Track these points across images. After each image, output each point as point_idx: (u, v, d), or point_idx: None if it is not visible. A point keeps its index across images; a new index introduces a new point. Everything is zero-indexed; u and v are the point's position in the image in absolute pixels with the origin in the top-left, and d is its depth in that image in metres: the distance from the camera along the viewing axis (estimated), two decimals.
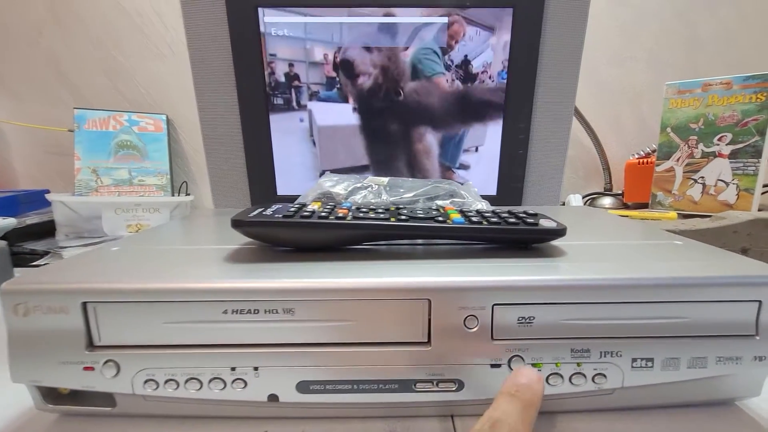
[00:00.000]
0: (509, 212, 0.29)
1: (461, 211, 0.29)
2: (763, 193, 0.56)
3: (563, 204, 0.67)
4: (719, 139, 0.56)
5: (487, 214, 0.27)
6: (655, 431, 0.23)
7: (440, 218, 0.26)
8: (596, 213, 0.44)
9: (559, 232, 0.26)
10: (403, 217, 0.26)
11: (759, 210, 0.55)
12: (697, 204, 0.59)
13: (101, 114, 0.70)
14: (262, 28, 0.48)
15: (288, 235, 0.26)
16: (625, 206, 0.74)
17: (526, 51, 0.49)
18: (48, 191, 0.72)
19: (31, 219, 0.61)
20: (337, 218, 0.25)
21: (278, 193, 0.55)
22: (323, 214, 0.26)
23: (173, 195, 0.72)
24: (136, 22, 0.74)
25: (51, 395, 0.24)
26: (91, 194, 0.67)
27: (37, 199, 0.69)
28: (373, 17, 0.48)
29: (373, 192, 0.36)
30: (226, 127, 0.52)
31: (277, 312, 0.22)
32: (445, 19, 0.48)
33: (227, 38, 0.48)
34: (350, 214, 0.26)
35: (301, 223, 0.25)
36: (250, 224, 0.25)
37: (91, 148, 0.69)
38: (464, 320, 0.22)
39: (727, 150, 0.56)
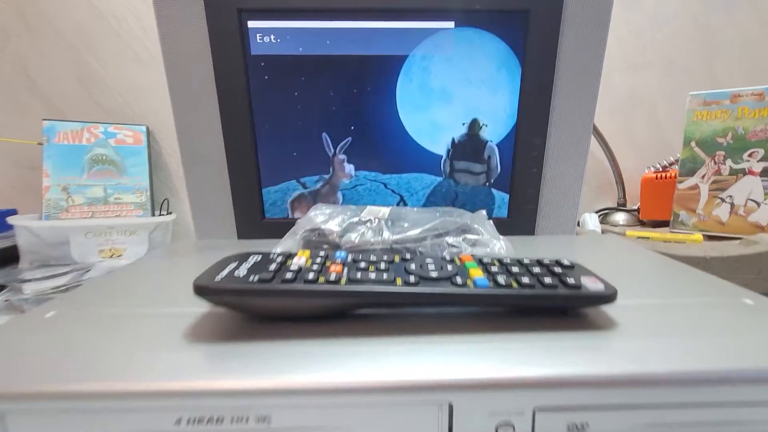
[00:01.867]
0: (539, 263, 0.23)
1: (481, 262, 0.23)
2: None
3: (578, 224, 0.62)
4: (750, 155, 0.52)
5: (515, 270, 0.22)
6: None
7: (458, 280, 0.21)
8: (628, 247, 0.38)
9: (608, 298, 0.20)
10: (412, 279, 0.20)
11: None
12: (724, 225, 0.54)
13: (74, 126, 0.64)
14: (247, 37, 0.43)
15: (266, 305, 0.20)
16: (641, 223, 0.69)
17: (542, 59, 0.43)
18: (15, 212, 0.66)
19: None
20: (329, 282, 0.20)
21: (266, 217, 0.50)
22: (311, 276, 0.20)
23: (153, 213, 0.66)
24: (113, 25, 0.68)
25: None
26: (61, 215, 0.61)
27: (1, 220, 0.62)
28: (372, 21, 0.43)
29: (372, 228, 0.30)
30: (208, 148, 0.46)
31: (247, 420, 0.16)
32: (452, 24, 0.43)
33: (207, 48, 0.43)
34: (345, 272, 0.21)
35: (283, 291, 0.19)
36: (217, 292, 0.20)
37: (61, 163, 0.63)
38: (496, 430, 0.16)
39: (758, 167, 0.51)
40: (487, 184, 0.48)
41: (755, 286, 0.26)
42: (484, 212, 0.37)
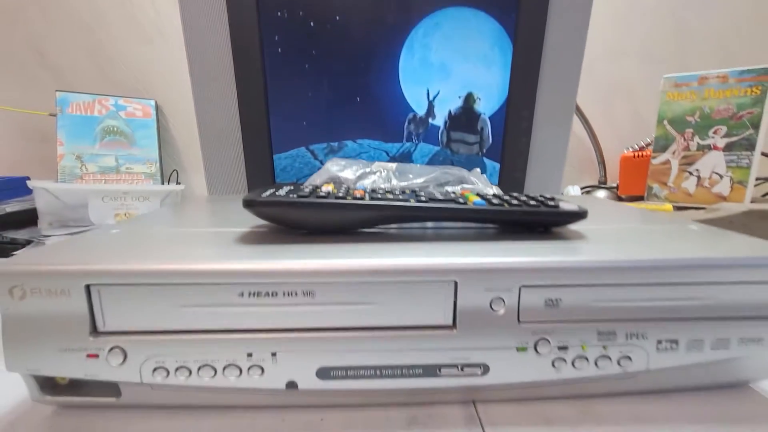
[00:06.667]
0: (527, 196, 0.28)
1: (479, 194, 0.28)
2: (756, 185, 0.57)
3: (562, 194, 0.68)
4: (714, 132, 0.58)
5: (506, 198, 0.27)
6: (674, 413, 0.23)
7: (461, 200, 0.25)
8: (603, 201, 0.44)
9: (581, 215, 0.25)
10: (423, 199, 0.25)
11: (751, 202, 0.57)
12: (692, 196, 0.60)
13: (85, 98, 0.67)
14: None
15: (303, 216, 0.24)
16: (620, 199, 0.75)
17: (531, 39, 0.48)
18: (28, 179, 0.68)
19: (12, 207, 0.58)
20: (355, 199, 0.24)
21: (276, 182, 0.54)
22: (340, 195, 0.25)
23: (163, 184, 0.69)
24: (123, 2, 0.71)
25: (48, 385, 0.22)
26: (76, 181, 0.63)
27: (17, 186, 0.65)
28: None
29: (382, 177, 0.35)
30: (224, 118, 0.50)
31: (296, 295, 0.21)
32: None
33: (225, 22, 0.46)
34: (367, 195, 0.25)
35: (319, 204, 0.24)
36: (263, 204, 0.24)
37: (75, 133, 0.65)
38: (491, 303, 0.21)
39: (721, 143, 0.57)
40: (480, 153, 0.53)
41: None
42: (478, 170, 0.42)
